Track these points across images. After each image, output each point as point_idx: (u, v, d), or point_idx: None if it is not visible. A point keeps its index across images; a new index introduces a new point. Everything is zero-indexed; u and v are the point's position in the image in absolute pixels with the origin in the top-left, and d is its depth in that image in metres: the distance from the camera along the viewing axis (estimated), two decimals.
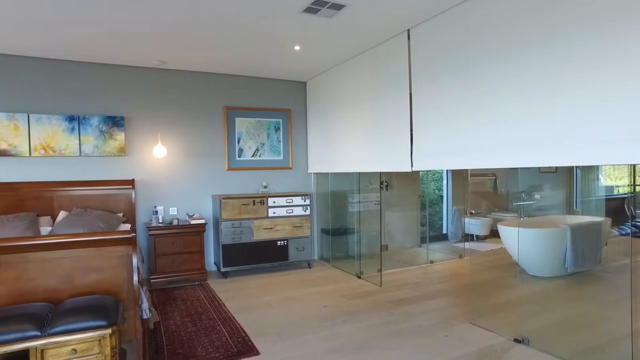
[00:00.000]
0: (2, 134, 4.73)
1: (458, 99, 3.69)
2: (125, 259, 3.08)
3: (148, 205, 5.45)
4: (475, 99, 3.53)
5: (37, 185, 4.85)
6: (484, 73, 3.43)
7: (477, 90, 3.50)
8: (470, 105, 3.57)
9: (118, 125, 5.23)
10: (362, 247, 5.73)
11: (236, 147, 5.97)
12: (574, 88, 2.77)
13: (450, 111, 3.78)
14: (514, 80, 3.18)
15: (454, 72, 3.71)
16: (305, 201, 5.76)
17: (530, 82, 3.05)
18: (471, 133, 3.57)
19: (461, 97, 3.66)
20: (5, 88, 4.80)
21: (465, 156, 3.64)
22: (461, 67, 3.64)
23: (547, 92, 2.94)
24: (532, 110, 3.04)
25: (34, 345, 2.39)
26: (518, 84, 3.15)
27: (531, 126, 3.05)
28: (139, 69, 5.40)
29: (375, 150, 4.86)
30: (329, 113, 5.83)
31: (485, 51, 3.40)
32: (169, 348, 3.31)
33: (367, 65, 4.93)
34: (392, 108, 4.54)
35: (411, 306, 4.19)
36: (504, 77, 3.27)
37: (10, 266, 2.81)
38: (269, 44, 4.66)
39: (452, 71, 3.73)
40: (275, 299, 4.53)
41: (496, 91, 3.34)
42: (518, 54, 3.13)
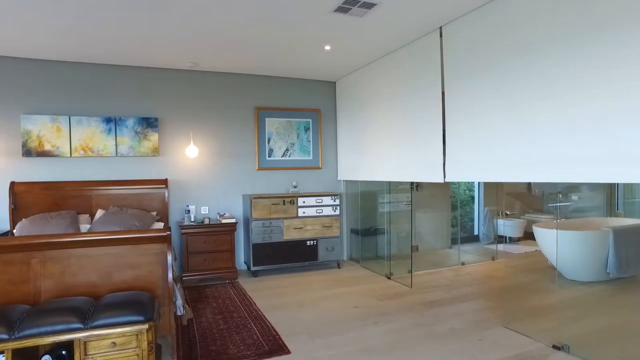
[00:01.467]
0: (46, 136, 4.94)
1: (492, 107, 3.56)
2: (160, 256, 3.16)
3: (180, 204, 5.57)
4: (509, 107, 3.40)
5: (77, 185, 5.04)
6: (520, 79, 3.29)
7: (512, 98, 3.37)
8: (505, 115, 3.45)
9: (152, 126, 5.37)
10: (391, 247, 5.67)
11: (266, 147, 6.02)
12: (620, 98, 2.60)
13: (483, 119, 3.66)
14: (549, 91, 3.04)
15: (488, 75, 3.59)
16: (334, 201, 5.75)
17: (570, 91, 2.90)
18: (505, 144, 3.45)
19: (496, 105, 3.53)
20: (49, 92, 5.02)
21: (500, 169, 3.52)
22: (496, 70, 3.51)
23: (586, 102, 2.79)
24: (571, 121, 2.90)
25: (77, 337, 2.49)
26: (555, 92, 3.00)
27: (570, 140, 2.91)
28: (171, 71, 5.53)
29: (406, 158, 4.76)
30: (358, 114, 5.80)
31: (523, 53, 3.26)
32: (202, 344, 3.36)
33: (397, 65, 4.87)
34: (423, 111, 4.45)
35: (443, 308, 4.11)
36: (540, 87, 3.11)
37: (56, 261, 2.93)
38: (299, 45, 4.68)
39: (486, 74, 3.61)
40: (305, 298, 4.54)
41: (531, 100, 3.19)
42: (558, 59, 2.97)
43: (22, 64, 4.91)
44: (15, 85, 4.90)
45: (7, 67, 4.86)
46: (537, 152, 3.17)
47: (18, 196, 4.78)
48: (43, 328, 2.45)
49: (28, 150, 4.89)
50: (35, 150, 4.92)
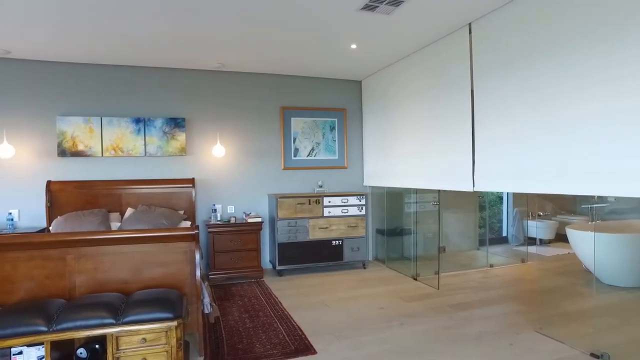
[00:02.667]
0: (79, 136, 5.10)
1: (525, 110, 3.41)
2: (188, 254, 3.20)
3: (207, 203, 5.64)
4: (544, 112, 3.23)
5: (108, 184, 5.17)
6: (556, 80, 3.12)
7: (547, 101, 3.21)
8: (539, 120, 3.29)
9: (179, 126, 5.46)
10: (418, 248, 5.59)
11: (292, 147, 6.04)
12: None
13: (515, 123, 3.52)
14: (588, 93, 2.87)
15: (521, 75, 3.44)
16: (360, 201, 5.71)
17: (612, 97, 2.73)
18: (539, 152, 3.29)
19: (529, 108, 3.37)
20: (82, 94, 5.17)
21: (533, 179, 3.36)
22: (529, 69, 3.35)
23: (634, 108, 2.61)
24: (614, 130, 2.72)
25: (110, 332, 2.55)
26: (596, 96, 2.82)
27: (614, 149, 2.73)
28: (199, 72, 5.60)
29: (433, 165, 4.66)
30: (383, 115, 5.74)
31: (559, 51, 3.10)
32: (229, 342, 3.39)
33: (424, 64, 4.78)
34: (450, 114, 4.33)
35: (471, 311, 4.01)
36: (580, 89, 2.94)
37: (89, 258, 3.01)
38: (325, 44, 4.67)
39: (518, 74, 3.47)
40: (331, 298, 4.52)
41: (569, 104, 3.02)
42: (600, 56, 2.79)
43: (58, 68, 5.08)
44: (52, 88, 5.07)
45: (44, 71, 5.04)
46: (576, 162, 2.97)
47: (53, 194, 4.95)
48: (78, 322, 2.52)
49: (63, 151, 5.05)
50: (70, 150, 5.07)
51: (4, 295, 2.86)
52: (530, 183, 3.41)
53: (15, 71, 4.96)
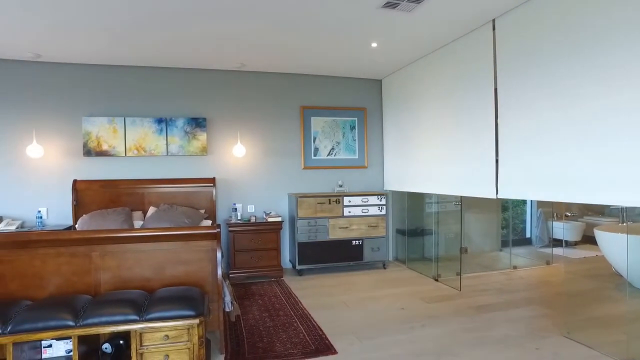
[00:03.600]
0: (104, 137, 5.21)
1: (552, 113, 3.27)
2: (209, 253, 3.22)
3: (228, 202, 5.69)
4: (573, 116, 3.09)
5: (131, 183, 5.26)
6: (586, 81, 2.97)
7: (575, 103, 3.06)
8: (567, 124, 3.14)
9: (200, 126, 5.51)
10: (439, 249, 5.50)
11: (312, 146, 6.03)
12: None
13: (541, 125, 3.37)
14: (623, 98, 2.71)
15: (547, 74, 3.31)
16: (380, 201, 5.66)
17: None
18: (568, 157, 3.13)
19: (556, 110, 3.24)
20: (107, 95, 5.29)
21: (562, 187, 3.20)
22: (557, 68, 3.22)
23: None
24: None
25: (134, 328, 2.58)
26: (633, 100, 2.66)
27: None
28: (219, 72, 5.65)
29: (454, 170, 4.56)
30: (404, 114, 5.68)
31: (589, 49, 2.95)
32: (249, 341, 3.40)
33: (446, 62, 4.71)
34: (473, 115, 4.23)
35: (495, 313, 3.93)
36: (613, 92, 2.78)
37: (114, 255, 3.07)
38: (346, 43, 4.64)
39: (544, 73, 3.34)
40: (351, 298, 4.49)
41: (601, 108, 2.86)
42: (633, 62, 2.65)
43: (83, 70, 5.21)
44: (78, 89, 5.20)
45: (70, 74, 5.17)
46: (609, 171, 2.81)
47: (79, 193, 5.06)
48: (104, 318, 2.56)
49: (88, 150, 5.17)
50: (94, 150, 5.19)
51: (35, 290, 2.94)
52: (560, 191, 3.23)
53: (44, 74, 5.10)
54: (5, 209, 5.00)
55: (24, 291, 2.92)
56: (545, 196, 3.43)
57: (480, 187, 4.15)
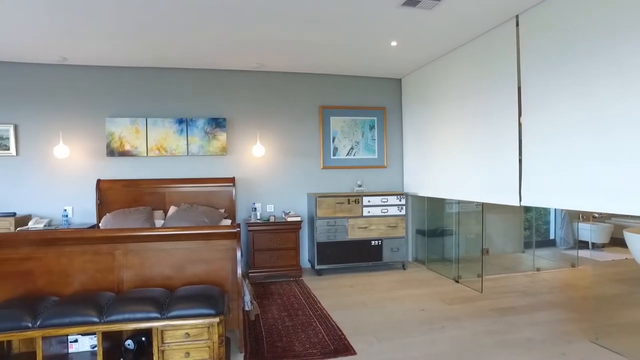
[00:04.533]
0: (126, 137, 5.31)
1: (579, 114, 3.13)
2: (229, 252, 3.24)
3: (247, 202, 5.72)
4: (602, 119, 2.94)
5: (153, 182, 5.35)
6: (617, 82, 2.83)
7: (603, 104, 2.92)
8: (595, 127, 2.99)
9: (220, 126, 5.57)
10: (460, 250, 5.42)
11: (331, 146, 6.02)
12: None
13: (569, 129, 3.24)
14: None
15: (573, 73, 3.19)
16: (400, 201, 5.61)
17: None
18: (597, 163, 2.98)
19: (583, 111, 3.10)
20: (129, 96, 5.39)
21: (592, 196, 3.04)
22: (584, 67, 3.10)
23: None
24: None
25: (155, 326, 2.62)
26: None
27: None
28: (239, 73, 5.70)
29: (476, 175, 4.47)
30: (424, 114, 5.61)
31: (618, 51, 2.81)
32: (268, 340, 3.41)
33: (467, 60, 4.63)
34: (495, 116, 4.13)
35: (518, 316, 3.84)
36: (638, 97, 2.66)
37: (136, 253, 3.12)
38: (365, 42, 4.62)
39: (570, 71, 3.22)
40: (371, 299, 4.46)
41: (629, 116, 2.72)
42: None
43: (107, 72, 5.32)
44: (101, 91, 5.32)
45: (94, 76, 5.30)
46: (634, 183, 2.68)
47: (103, 193, 5.18)
48: (126, 315, 2.61)
49: (111, 151, 5.28)
50: (117, 150, 5.30)
51: (61, 287, 3.02)
52: (589, 200, 3.07)
53: (70, 77, 5.24)
54: (34, 208, 5.15)
55: (51, 287, 3.00)
56: (573, 205, 3.26)
57: (502, 193, 4.03)
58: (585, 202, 3.14)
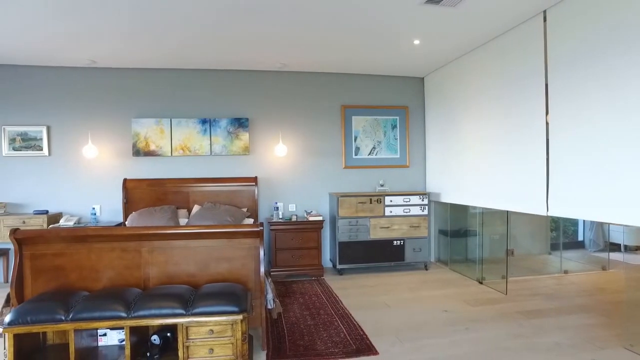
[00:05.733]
0: (151, 137, 5.43)
1: (612, 121, 2.98)
2: (252, 251, 3.28)
3: (269, 201, 5.77)
4: (632, 126, 2.80)
5: (177, 182, 5.46)
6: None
7: (636, 112, 2.77)
8: (627, 136, 2.84)
9: (243, 126, 5.63)
10: (483, 250, 5.32)
11: (353, 146, 6.00)
12: None
13: (599, 132, 3.08)
14: None
15: (608, 73, 3.04)
16: (422, 201, 5.55)
17: None
18: (632, 176, 2.81)
19: (614, 123, 2.95)
20: (154, 97, 5.51)
21: (623, 210, 2.88)
22: (614, 69, 2.97)
23: None
24: None
25: (180, 322, 2.67)
26: None
27: None
28: (261, 73, 5.75)
29: (500, 179, 4.36)
30: (447, 114, 5.53)
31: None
32: (290, 339, 3.42)
33: (491, 58, 4.53)
34: (521, 116, 4.01)
35: (544, 320, 3.74)
36: None
37: (161, 251, 3.19)
38: (387, 41, 4.59)
39: (604, 72, 3.07)
40: (393, 299, 4.43)
41: None
42: None
43: (133, 74, 5.46)
44: (128, 92, 5.46)
45: (121, 77, 5.44)
46: None
47: (129, 191, 5.31)
48: (153, 311, 2.67)
49: (137, 151, 5.41)
50: (143, 150, 5.42)
51: (91, 282, 3.11)
52: (624, 213, 2.91)
53: (98, 79, 5.40)
54: (65, 206, 5.33)
55: (81, 282, 3.10)
56: (606, 218, 3.11)
57: (528, 201, 3.90)
58: (621, 215, 2.95)
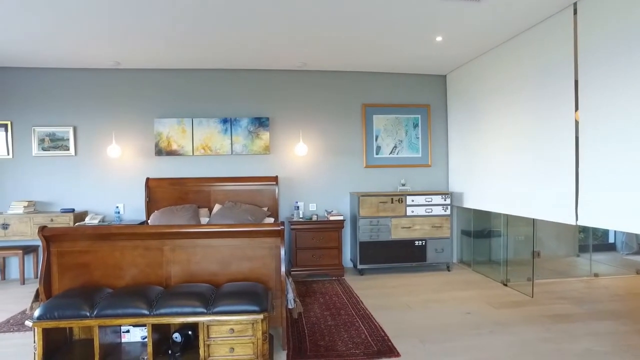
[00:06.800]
0: (173, 137, 5.50)
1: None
2: (273, 250, 3.27)
3: (289, 200, 5.76)
4: None
5: (198, 181, 5.51)
6: None
7: None
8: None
9: (263, 125, 5.64)
10: (508, 252, 5.18)
11: (374, 145, 5.94)
12: None
13: (635, 138, 2.92)
14: None
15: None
16: (445, 200, 5.45)
17: None
18: None
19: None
20: (175, 97, 5.58)
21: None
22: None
23: None
24: None
25: (202, 320, 2.68)
26: None
27: None
28: (282, 72, 5.75)
29: (525, 185, 4.22)
30: (470, 113, 5.42)
31: None
32: (311, 339, 3.40)
33: (518, 54, 4.40)
34: (548, 116, 3.87)
35: (574, 325, 3.61)
36: None
37: (183, 250, 3.21)
38: (409, 38, 4.52)
39: (636, 68, 2.93)
40: (414, 300, 4.36)
41: None
42: None
43: (155, 74, 5.54)
44: (150, 93, 5.55)
45: (144, 78, 5.53)
46: None
47: (151, 190, 5.39)
48: (174, 309, 2.69)
49: (159, 150, 5.48)
50: (165, 150, 5.49)
51: (115, 280, 3.16)
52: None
53: (122, 80, 5.50)
54: (90, 204, 5.45)
55: (105, 279, 3.15)
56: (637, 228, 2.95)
57: (556, 209, 3.75)
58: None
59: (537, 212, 4.09)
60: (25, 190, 5.38)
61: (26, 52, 4.79)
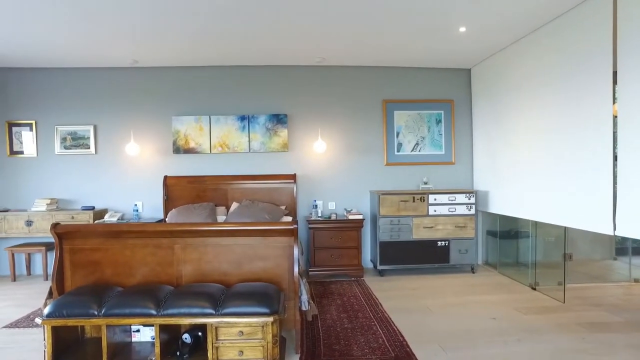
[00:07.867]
0: (191, 135, 5.47)
1: None
2: (287, 250, 3.15)
3: (308, 199, 5.64)
4: None
5: (215, 179, 5.46)
6: None
7: None
8: None
9: (282, 122, 5.54)
10: (537, 254, 4.90)
11: (395, 142, 5.75)
12: None
13: None
14: None
15: None
16: (469, 199, 5.21)
17: None
18: None
19: None
20: (193, 95, 5.55)
21: None
22: None
23: None
24: None
25: (210, 322, 2.59)
26: None
27: None
28: (300, 68, 5.63)
29: (556, 189, 3.96)
30: (495, 108, 5.17)
31: None
32: (325, 342, 3.27)
33: (548, 43, 4.12)
34: (582, 113, 3.59)
35: (612, 335, 3.33)
36: None
37: (194, 248, 3.14)
38: (431, 29, 4.32)
39: None
40: (436, 303, 4.16)
41: None
42: None
43: (172, 72, 5.53)
44: (168, 91, 5.54)
45: (161, 76, 5.52)
46: None
47: (169, 188, 5.37)
48: (182, 309, 2.61)
49: (177, 148, 5.46)
50: (182, 148, 5.47)
51: (125, 278, 3.12)
52: None
53: (140, 78, 5.51)
54: (109, 202, 5.49)
55: (116, 277, 3.11)
56: None
57: (590, 217, 3.47)
58: None
59: (568, 219, 3.82)
60: (48, 188, 5.46)
61: (50, 53, 4.86)
